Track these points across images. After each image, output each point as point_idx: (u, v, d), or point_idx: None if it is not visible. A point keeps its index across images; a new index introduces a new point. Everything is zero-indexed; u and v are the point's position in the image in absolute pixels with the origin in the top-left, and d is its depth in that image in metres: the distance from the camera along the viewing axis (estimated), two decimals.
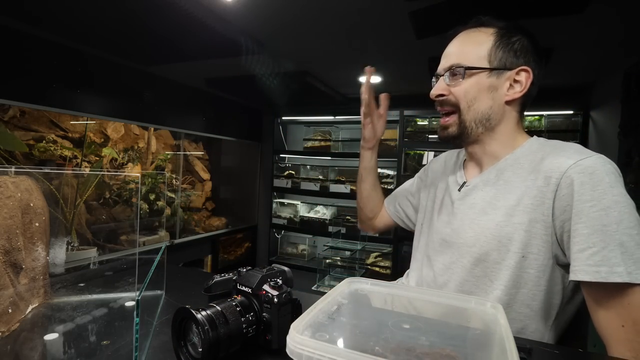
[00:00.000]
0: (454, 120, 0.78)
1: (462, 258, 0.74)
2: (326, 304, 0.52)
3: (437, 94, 0.78)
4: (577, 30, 1.41)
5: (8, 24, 1.55)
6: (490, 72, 0.73)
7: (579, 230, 0.60)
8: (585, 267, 0.59)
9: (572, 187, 0.61)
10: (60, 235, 0.82)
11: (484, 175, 0.78)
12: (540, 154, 0.71)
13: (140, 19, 1.46)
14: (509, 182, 0.72)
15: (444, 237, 0.80)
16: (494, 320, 0.50)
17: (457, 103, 0.76)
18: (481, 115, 0.75)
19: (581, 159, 0.62)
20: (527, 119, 2.55)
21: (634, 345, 0.57)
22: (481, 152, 0.79)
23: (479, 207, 0.75)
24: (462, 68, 0.74)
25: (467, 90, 0.74)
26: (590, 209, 0.59)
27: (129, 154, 2.59)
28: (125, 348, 0.57)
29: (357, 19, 1.40)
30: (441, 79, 0.78)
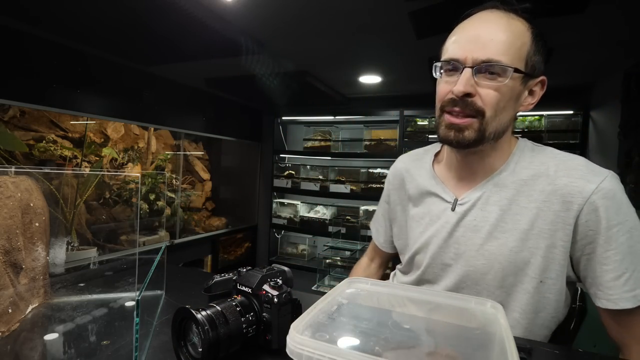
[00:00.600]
0: (472, 123, 0.63)
1: (476, 285, 0.68)
2: (326, 304, 0.52)
3: (465, 91, 0.61)
4: (577, 30, 1.41)
5: (8, 24, 1.55)
6: (524, 78, 0.62)
7: (611, 258, 0.59)
8: (624, 294, 0.58)
9: (597, 213, 0.59)
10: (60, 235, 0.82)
11: (480, 191, 0.69)
12: (541, 167, 0.66)
13: (140, 19, 1.46)
14: (514, 202, 0.66)
15: (445, 262, 0.72)
16: (494, 320, 0.50)
17: (483, 110, 0.62)
18: (502, 127, 0.64)
19: (601, 183, 0.60)
20: (527, 119, 2.55)
21: None
22: (477, 164, 0.70)
23: (485, 230, 0.67)
24: (509, 68, 0.59)
25: (501, 97, 0.61)
26: (617, 234, 0.59)
27: (129, 154, 2.59)
28: (125, 348, 0.57)
29: (357, 19, 1.40)
30: (468, 72, 0.61)
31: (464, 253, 0.69)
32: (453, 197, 0.73)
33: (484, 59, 0.60)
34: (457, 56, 0.62)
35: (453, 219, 0.71)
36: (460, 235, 0.70)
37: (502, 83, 0.60)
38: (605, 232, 0.59)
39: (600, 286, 0.61)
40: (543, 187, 0.64)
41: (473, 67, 0.61)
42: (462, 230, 0.70)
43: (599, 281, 0.61)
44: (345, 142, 3.12)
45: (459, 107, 0.63)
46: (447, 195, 0.74)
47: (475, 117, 0.62)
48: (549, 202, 0.63)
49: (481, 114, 0.62)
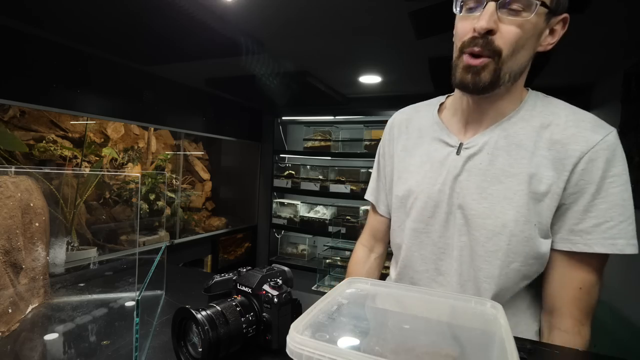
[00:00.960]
0: (488, 63, 0.60)
1: (475, 231, 0.67)
2: (326, 304, 0.52)
3: (489, 27, 0.58)
4: (577, 30, 1.41)
5: (8, 24, 1.55)
6: (547, 14, 0.60)
7: (597, 206, 0.60)
8: (602, 240, 0.60)
9: (596, 163, 0.60)
10: (60, 235, 0.82)
11: (487, 135, 0.68)
12: (551, 116, 0.65)
13: (140, 19, 1.46)
14: (521, 147, 0.65)
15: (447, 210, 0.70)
16: (494, 320, 0.50)
17: (500, 49, 0.59)
18: (518, 67, 0.62)
19: (607, 135, 0.61)
20: None
21: (581, 304, 0.64)
22: (488, 107, 0.68)
23: (490, 174, 0.66)
24: (536, 1, 0.57)
25: (522, 35, 0.59)
26: (610, 185, 0.60)
27: (129, 154, 2.59)
28: (125, 348, 0.57)
29: (357, 19, 1.40)
30: (492, 7, 0.57)
31: (467, 197, 0.68)
32: (458, 141, 0.71)
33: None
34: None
35: (458, 162, 0.69)
36: (464, 179, 0.68)
37: (526, 19, 0.58)
38: (598, 182, 0.60)
39: (578, 232, 0.62)
40: (551, 135, 0.64)
41: (497, 0, 0.58)
42: (467, 174, 0.68)
43: (577, 228, 0.62)
44: (345, 142, 3.12)
45: (479, 46, 0.60)
46: (452, 140, 0.72)
47: (492, 57, 0.60)
48: (554, 150, 0.63)
49: (498, 53, 0.60)
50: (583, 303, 0.64)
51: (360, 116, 3.03)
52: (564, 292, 0.65)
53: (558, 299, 0.66)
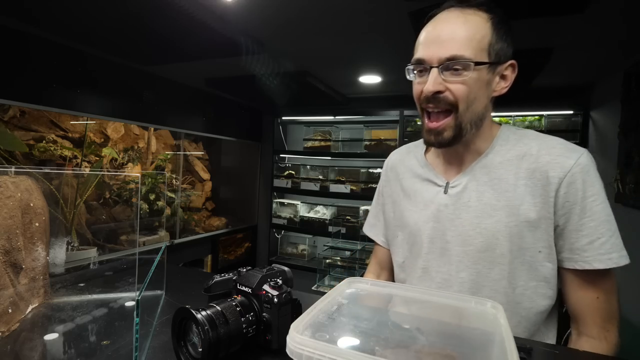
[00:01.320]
0: (448, 122, 0.68)
1: (476, 264, 0.70)
2: (326, 304, 0.52)
3: (434, 90, 0.66)
4: (577, 30, 1.41)
5: (8, 24, 1.55)
6: (490, 66, 0.66)
7: (586, 224, 0.65)
8: (598, 257, 0.64)
9: (575, 185, 0.65)
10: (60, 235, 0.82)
11: (470, 174, 0.73)
12: (524, 147, 0.71)
13: (140, 19, 1.46)
14: (503, 180, 0.70)
15: (443, 246, 0.74)
16: (494, 320, 0.50)
17: (456, 103, 0.66)
18: (477, 116, 0.69)
19: (578, 159, 0.66)
20: (527, 119, 2.55)
21: (602, 312, 0.67)
22: (464, 151, 0.74)
23: (479, 209, 0.71)
24: (470, 63, 0.63)
25: (470, 89, 0.65)
26: (592, 203, 0.65)
27: (129, 154, 2.59)
28: (125, 348, 0.57)
29: (357, 19, 1.40)
30: (435, 72, 0.65)
31: (462, 234, 0.72)
32: (444, 180, 0.76)
33: (447, 57, 0.64)
34: (423, 57, 0.67)
35: (447, 200, 0.74)
36: (455, 216, 0.73)
37: (468, 77, 0.64)
38: (581, 202, 0.65)
39: (576, 250, 0.66)
40: (528, 165, 0.69)
41: (439, 66, 0.65)
42: (458, 211, 0.73)
43: (574, 247, 0.66)
44: (345, 142, 3.12)
45: (432, 103, 0.68)
46: (439, 180, 0.77)
47: (451, 111, 0.67)
48: (534, 179, 0.68)
49: (455, 107, 0.66)
50: (604, 312, 0.67)
51: (360, 116, 3.03)
52: (584, 304, 0.68)
53: (579, 310, 0.69)
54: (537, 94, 2.35)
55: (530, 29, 1.41)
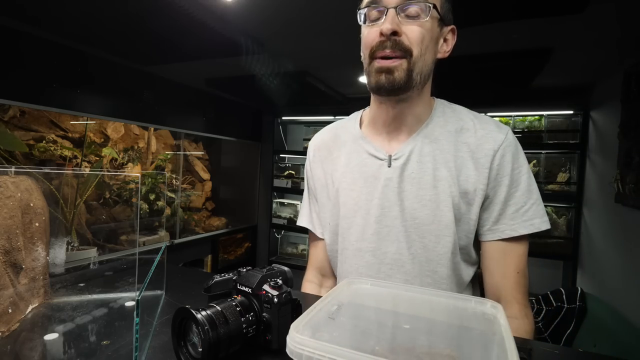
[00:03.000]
0: (401, 63, 0.64)
1: (423, 238, 0.70)
2: (326, 304, 0.52)
3: (393, 28, 0.63)
4: (577, 30, 1.41)
5: (7, 24, 1.55)
6: (439, 21, 0.67)
7: (513, 194, 0.69)
8: (522, 223, 0.68)
9: (505, 158, 0.69)
10: (60, 235, 0.82)
11: (412, 143, 0.72)
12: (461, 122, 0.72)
13: (140, 19, 1.46)
14: (444, 151, 0.70)
15: (390, 223, 0.71)
16: (494, 320, 0.50)
17: (410, 48, 0.64)
18: (427, 69, 0.67)
19: (507, 134, 0.70)
20: (527, 119, 2.55)
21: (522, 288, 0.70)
22: (408, 113, 0.72)
23: (424, 181, 0.70)
24: (429, 5, 0.63)
25: (424, 35, 0.64)
26: (518, 175, 0.69)
27: (129, 154, 2.59)
28: (125, 348, 0.57)
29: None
30: (393, 12, 0.63)
31: (408, 207, 0.71)
32: (386, 153, 0.73)
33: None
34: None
35: (391, 173, 0.72)
36: (401, 189, 0.71)
37: (424, 20, 0.64)
38: (510, 174, 0.68)
39: (502, 220, 0.69)
40: (465, 139, 0.71)
41: (396, 7, 0.63)
42: (403, 184, 0.71)
43: (502, 216, 0.69)
44: None
45: (389, 48, 0.64)
46: (380, 153, 0.74)
47: (404, 57, 0.64)
48: (471, 152, 0.70)
49: (409, 52, 0.64)
50: (522, 287, 0.70)
51: None
52: (506, 280, 0.70)
53: (502, 288, 0.70)
54: (537, 94, 2.35)
55: (530, 29, 1.41)
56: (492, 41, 1.56)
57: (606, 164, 1.94)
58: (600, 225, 2.01)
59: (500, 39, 1.53)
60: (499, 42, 1.58)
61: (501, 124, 0.73)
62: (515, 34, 1.47)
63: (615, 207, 1.72)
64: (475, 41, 1.56)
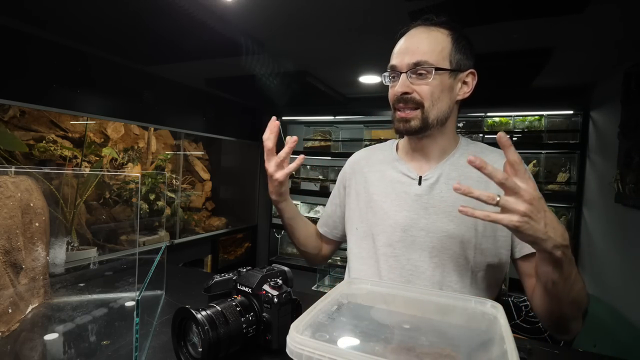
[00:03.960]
0: (416, 114, 0.79)
1: (447, 250, 0.78)
2: (326, 304, 0.52)
3: (402, 91, 0.78)
4: (577, 30, 1.41)
5: (8, 24, 1.55)
6: (451, 73, 0.78)
7: None
8: None
9: None
10: (60, 235, 0.82)
11: (440, 169, 0.83)
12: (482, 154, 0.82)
13: (140, 19, 1.46)
14: (469, 177, 0.79)
15: (415, 234, 0.81)
16: (494, 320, 0.50)
17: (422, 102, 0.78)
18: (442, 113, 0.79)
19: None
20: (527, 119, 2.55)
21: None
22: (432, 146, 0.84)
23: (451, 200, 0.79)
24: (432, 67, 0.76)
25: (433, 90, 0.77)
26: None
27: (129, 154, 2.59)
28: (125, 348, 0.57)
29: (357, 19, 1.40)
30: (404, 76, 0.78)
31: (436, 221, 0.79)
32: (417, 174, 0.85)
33: (413, 62, 0.77)
34: (395, 64, 0.81)
35: (421, 191, 0.83)
36: (430, 205, 0.81)
37: (430, 79, 0.76)
38: None
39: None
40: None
41: (407, 71, 0.78)
42: (432, 201, 0.81)
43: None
44: (345, 142, 3.12)
45: (402, 102, 0.79)
46: (412, 173, 0.86)
47: (418, 108, 0.78)
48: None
49: (421, 105, 0.78)
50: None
51: (360, 116, 3.02)
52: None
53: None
54: (537, 94, 2.35)
55: (530, 29, 1.41)
56: (492, 41, 1.56)
57: (606, 164, 1.94)
58: (600, 225, 2.01)
59: (500, 39, 1.53)
60: (499, 42, 1.57)
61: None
62: (515, 34, 1.47)
63: (615, 207, 1.72)
64: (475, 41, 1.55)
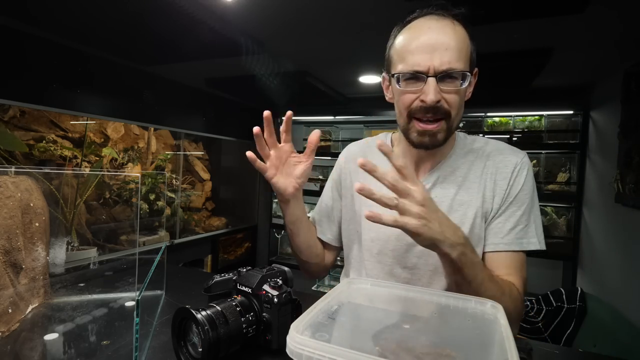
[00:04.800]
0: (443, 126, 0.70)
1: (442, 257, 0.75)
2: (326, 304, 0.52)
3: (437, 99, 0.66)
4: (577, 30, 1.41)
5: (8, 24, 1.55)
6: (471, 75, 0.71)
7: (514, 213, 0.74)
8: (515, 240, 0.73)
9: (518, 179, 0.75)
10: (60, 235, 0.82)
11: (437, 172, 0.79)
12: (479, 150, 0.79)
13: (140, 19, 1.46)
14: (466, 179, 0.77)
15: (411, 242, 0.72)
16: (494, 320, 0.50)
17: (449, 111, 0.68)
18: (459, 121, 0.74)
19: (523, 157, 0.77)
20: (527, 119, 2.55)
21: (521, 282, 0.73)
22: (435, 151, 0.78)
23: (446, 204, 0.76)
24: (468, 73, 0.67)
25: (461, 98, 0.69)
26: (524, 196, 0.74)
27: (129, 154, 2.59)
28: (125, 348, 0.57)
29: (357, 19, 1.40)
30: (433, 82, 0.66)
31: None
32: None
33: (445, 69, 0.65)
34: (419, 68, 0.67)
35: None
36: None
37: (463, 87, 0.68)
38: (514, 194, 0.74)
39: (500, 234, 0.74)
40: (484, 164, 0.77)
41: (436, 75, 0.66)
42: None
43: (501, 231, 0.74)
44: (345, 142, 3.12)
45: (430, 113, 0.69)
46: None
47: (443, 119, 0.69)
48: (490, 173, 0.76)
49: (448, 114, 0.69)
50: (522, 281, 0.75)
51: (360, 116, 3.02)
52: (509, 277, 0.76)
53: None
54: (537, 94, 2.35)
55: (530, 29, 1.41)
56: (492, 41, 1.56)
57: (606, 164, 1.94)
58: (600, 225, 2.01)
59: (500, 39, 1.53)
60: (499, 42, 1.57)
61: (516, 148, 0.79)
62: (516, 34, 1.47)
63: (615, 207, 1.72)
64: (476, 41, 1.56)
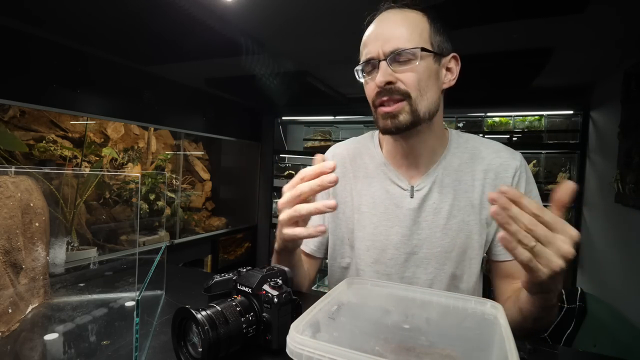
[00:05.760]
0: (403, 106, 0.67)
1: (444, 266, 0.73)
2: (326, 304, 0.52)
3: (386, 80, 0.66)
4: (577, 30, 1.41)
5: (8, 24, 1.55)
6: (435, 57, 0.69)
7: None
8: None
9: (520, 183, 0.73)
10: (60, 235, 0.82)
11: (432, 176, 0.75)
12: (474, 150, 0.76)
13: (140, 19, 1.46)
14: (462, 182, 0.74)
15: (409, 250, 0.74)
16: (494, 320, 0.50)
17: (408, 91, 0.67)
18: (433, 106, 0.70)
19: (521, 160, 0.75)
20: (527, 119, 2.55)
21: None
22: (421, 147, 0.75)
23: (445, 211, 0.73)
24: (417, 50, 0.65)
25: (420, 77, 0.67)
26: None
27: (129, 154, 2.59)
28: (125, 348, 0.57)
29: (357, 19, 1.40)
30: (384, 64, 0.67)
31: (430, 236, 0.74)
32: (408, 184, 0.76)
33: (392, 49, 0.66)
34: (370, 55, 0.69)
35: (414, 204, 0.75)
36: (422, 219, 0.74)
37: (415, 64, 0.66)
38: None
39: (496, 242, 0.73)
40: (482, 167, 0.75)
41: (386, 58, 0.67)
42: (425, 214, 0.74)
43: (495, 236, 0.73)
44: None
45: (386, 95, 0.68)
46: (403, 183, 0.77)
47: (404, 99, 0.68)
48: (489, 178, 0.74)
49: (407, 96, 0.67)
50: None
51: (360, 116, 3.02)
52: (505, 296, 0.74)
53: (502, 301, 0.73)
54: (537, 94, 2.35)
55: (530, 29, 1.41)
56: (492, 41, 1.56)
57: (606, 164, 1.94)
58: (600, 225, 2.01)
59: (500, 39, 1.53)
60: (499, 42, 1.57)
61: (512, 149, 0.77)
62: (515, 34, 1.47)
63: (615, 207, 1.72)
64: (475, 41, 1.56)
